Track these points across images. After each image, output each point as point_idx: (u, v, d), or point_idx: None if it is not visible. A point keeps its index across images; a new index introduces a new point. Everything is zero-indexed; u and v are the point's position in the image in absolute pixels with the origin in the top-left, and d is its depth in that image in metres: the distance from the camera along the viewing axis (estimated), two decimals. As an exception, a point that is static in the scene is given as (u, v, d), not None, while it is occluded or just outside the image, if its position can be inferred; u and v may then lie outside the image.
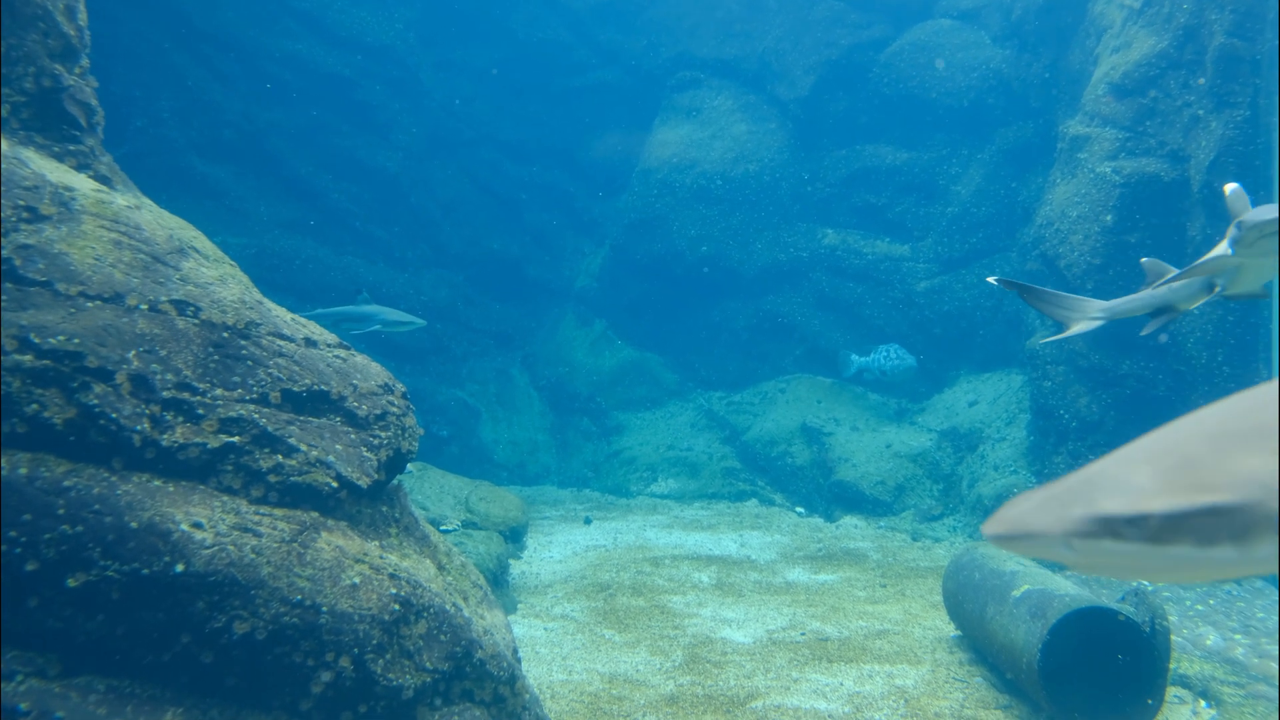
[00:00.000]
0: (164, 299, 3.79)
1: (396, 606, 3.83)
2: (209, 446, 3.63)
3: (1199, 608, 8.86)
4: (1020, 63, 15.19)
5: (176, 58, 15.47)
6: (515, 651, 4.78)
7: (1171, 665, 6.67)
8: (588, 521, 12.99)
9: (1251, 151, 10.12)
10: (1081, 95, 12.37)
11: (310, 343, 4.24)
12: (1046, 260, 12.07)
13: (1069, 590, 6.59)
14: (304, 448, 3.86)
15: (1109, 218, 11.06)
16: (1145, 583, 9.53)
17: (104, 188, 4.08)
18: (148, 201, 4.50)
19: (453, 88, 18.40)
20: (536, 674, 7.24)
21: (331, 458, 3.93)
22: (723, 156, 17.09)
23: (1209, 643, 7.75)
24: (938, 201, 15.93)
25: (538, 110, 18.96)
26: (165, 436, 3.54)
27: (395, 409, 4.31)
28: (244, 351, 3.91)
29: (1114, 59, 11.79)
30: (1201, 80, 10.62)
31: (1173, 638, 7.10)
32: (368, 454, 4.06)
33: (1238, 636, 7.92)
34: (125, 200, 4.10)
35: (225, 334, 3.89)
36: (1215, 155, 10.17)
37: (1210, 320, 10.35)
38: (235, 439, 3.69)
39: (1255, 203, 10.21)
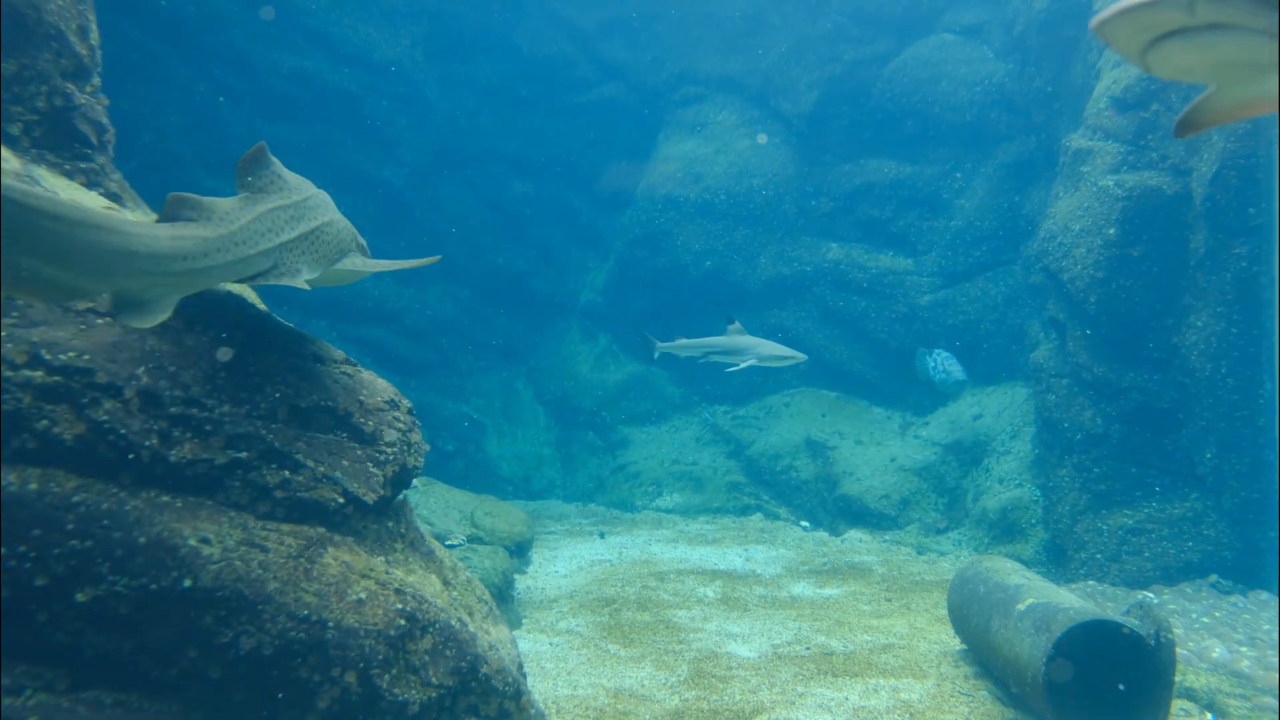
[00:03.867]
0: (172, 316, 3.82)
1: (402, 622, 3.85)
2: (216, 462, 3.66)
3: (1205, 620, 8.84)
4: (1022, 77, 15.25)
5: (184, 73, 15.57)
6: (521, 667, 4.79)
7: (1177, 678, 6.66)
8: (601, 536, 12.98)
9: (1253, 164, 10.14)
10: (1083, 109, 12.42)
11: (318, 359, 4.27)
12: (1050, 274, 12.09)
13: (1074, 603, 6.58)
14: (311, 463, 3.88)
15: (1112, 231, 11.08)
16: (1150, 595, 9.52)
17: (114, 205, 4.13)
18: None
19: (458, 103, 18.50)
20: (542, 689, 7.25)
21: (338, 473, 3.95)
22: (726, 172, 17.15)
23: (1215, 655, 7.73)
24: (941, 215, 15.97)
25: (543, 125, 19.05)
26: (173, 452, 3.57)
27: (401, 425, 4.34)
28: (251, 368, 3.94)
29: (1115, 73, 11.83)
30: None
31: (1178, 650, 7.10)
32: (374, 470, 4.09)
33: (1244, 649, 7.90)
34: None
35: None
36: (1217, 168, 10.20)
37: (1213, 332, 10.36)
38: (243, 455, 3.72)
39: (1260, 214, 10.23)
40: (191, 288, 3.58)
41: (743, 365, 11.07)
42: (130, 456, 3.47)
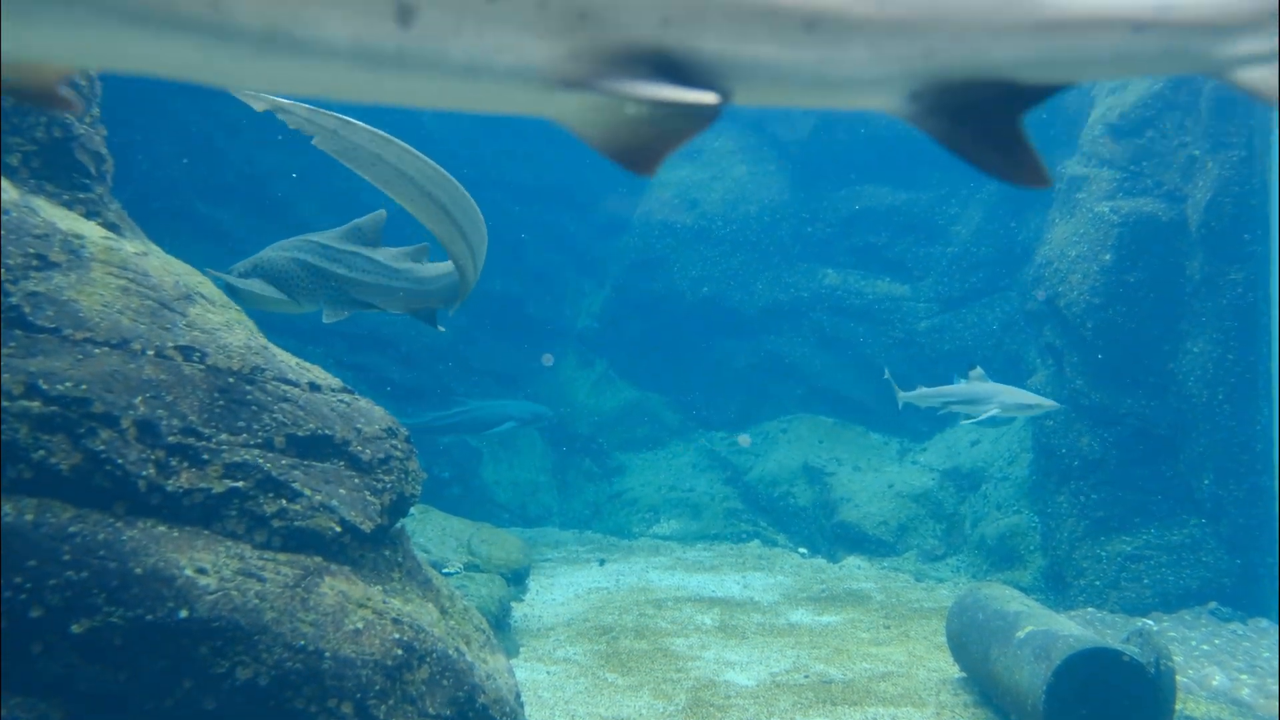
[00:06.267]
0: (170, 345, 3.82)
1: (399, 652, 3.83)
2: (213, 491, 3.65)
3: (1204, 647, 8.80)
4: (1017, 103, 15.31)
5: (181, 102, 15.61)
6: (518, 696, 4.76)
7: (1177, 706, 6.62)
8: (601, 563, 12.90)
9: (1248, 191, 10.19)
10: (1079, 136, 12.48)
11: (314, 387, 4.26)
12: (1046, 300, 12.12)
13: (1073, 631, 6.56)
14: (308, 492, 3.87)
15: (1108, 257, 11.11)
16: (1149, 622, 9.49)
17: (112, 235, 4.13)
18: (155, 248, 4.55)
19: (456, 130, 18.54)
20: (539, 719, 7.20)
21: (335, 502, 3.94)
22: (723, 198, 17.20)
23: (1215, 683, 7.70)
24: (937, 241, 16.01)
25: (540, 151, 19.08)
26: (170, 482, 3.56)
27: (399, 453, 4.33)
28: (249, 396, 3.93)
29: (1110, 100, 11.91)
30: (1197, 121, 10.72)
31: (1178, 678, 7.06)
32: (371, 498, 4.07)
33: (1243, 676, 7.87)
34: (133, 247, 4.15)
35: (230, 379, 3.92)
36: (1212, 195, 10.25)
37: (1210, 358, 10.38)
38: (240, 484, 3.71)
39: (1256, 241, 10.27)
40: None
41: (984, 415, 10.09)
42: (127, 486, 3.46)
